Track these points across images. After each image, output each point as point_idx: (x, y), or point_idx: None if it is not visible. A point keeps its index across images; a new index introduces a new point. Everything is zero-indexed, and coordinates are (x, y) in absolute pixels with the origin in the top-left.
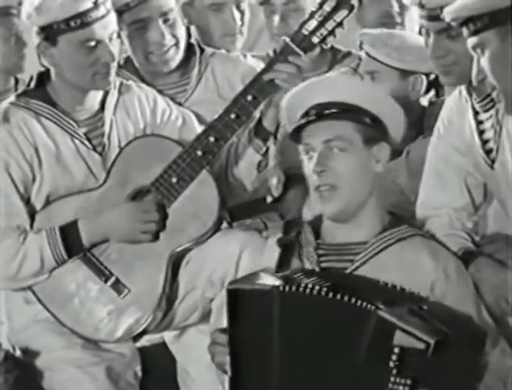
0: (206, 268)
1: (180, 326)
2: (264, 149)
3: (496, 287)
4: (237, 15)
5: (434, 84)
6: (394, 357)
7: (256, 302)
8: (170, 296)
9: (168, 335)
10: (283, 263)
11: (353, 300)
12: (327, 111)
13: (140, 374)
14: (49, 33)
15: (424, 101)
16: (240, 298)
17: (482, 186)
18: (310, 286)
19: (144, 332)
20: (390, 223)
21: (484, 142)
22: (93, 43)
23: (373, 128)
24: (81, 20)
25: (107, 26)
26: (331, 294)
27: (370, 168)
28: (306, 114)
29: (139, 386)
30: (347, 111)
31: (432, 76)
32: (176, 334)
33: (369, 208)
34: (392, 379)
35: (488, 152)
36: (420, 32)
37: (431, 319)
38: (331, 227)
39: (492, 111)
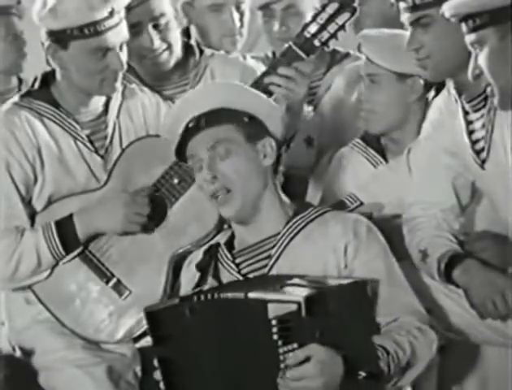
0: None
1: None
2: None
3: (483, 289)
4: (237, 16)
5: (433, 84)
6: (275, 330)
7: (171, 318)
8: (171, 297)
9: None
10: (199, 285)
11: (230, 295)
12: (203, 120)
13: (140, 374)
14: (61, 37)
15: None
16: (159, 318)
17: (470, 187)
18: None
19: (145, 333)
20: (298, 209)
21: (474, 142)
22: (103, 50)
23: (252, 126)
24: (95, 28)
25: (119, 34)
26: (215, 296)
27: (259, 163)
28: (186, 129)
29: (139, 386)
30: (223, 115)
31: None
32: None
33: (267, 201)
34: (280, 350)
35: (478, 152)
36: None
37: (303, 284)
38: (241, 233)
39: (484, 111)
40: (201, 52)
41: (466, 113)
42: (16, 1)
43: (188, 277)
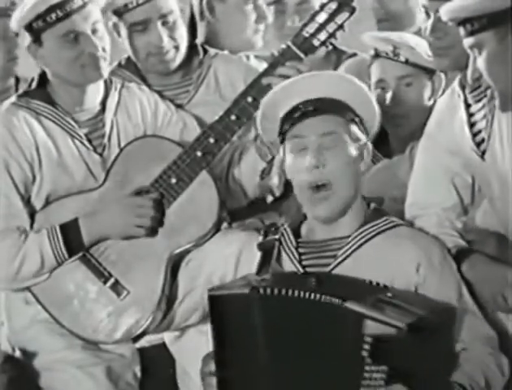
0: (205, 269)
1: (180, 327)
2: (270, 156)
3: (492, 283)
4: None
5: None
6: (367, 347)
7: (236, 306)
8: (169, 297)
9: (168, 336)
10: (262, 267)
11: (322, 297)
12: (319, 104)
13: (139, 374)
14: (34, 33)
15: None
16: (222, 303)
17: (470, 187)
18: (286, 288)
19: (143, 333)
20: (370, 216)
21: (475, 134)
22: (74, 35)
23: (358, 126)
24: (56, 14)
25: (87, 17)
26: (302, 294)
27: (358, 166)
28: (295, 110)
29: (138, 386)
30: (338, 107)
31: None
32: (176, 335)
33: (354, 207)
34: (367, 367)
35: (478, 144)
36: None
37: (399, 305)
38: (312, 224)
39: (485, 101)
40: (205, 52)
41: (468, 105)
42: (10, 2)
43: (186, 278)
